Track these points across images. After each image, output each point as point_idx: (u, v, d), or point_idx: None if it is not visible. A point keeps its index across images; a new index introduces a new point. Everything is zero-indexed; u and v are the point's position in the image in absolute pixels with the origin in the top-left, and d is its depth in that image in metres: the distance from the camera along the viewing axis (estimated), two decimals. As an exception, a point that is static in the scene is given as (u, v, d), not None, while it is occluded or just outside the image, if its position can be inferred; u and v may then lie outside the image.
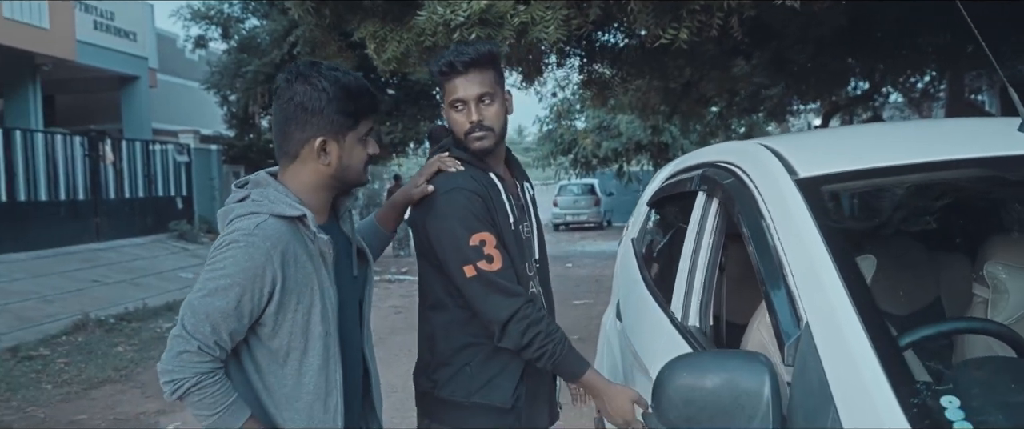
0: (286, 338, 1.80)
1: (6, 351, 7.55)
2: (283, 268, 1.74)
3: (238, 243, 1.72)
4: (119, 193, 13.99)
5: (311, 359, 1.83)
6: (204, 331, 1.69)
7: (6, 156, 11.47)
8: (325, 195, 1.92)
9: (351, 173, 1.91)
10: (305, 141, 1.83)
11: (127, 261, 12.35)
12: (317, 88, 1.82)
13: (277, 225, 1.76)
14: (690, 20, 4.86)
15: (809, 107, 17.22)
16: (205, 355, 1.70)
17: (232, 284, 1.70)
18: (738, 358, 1.40)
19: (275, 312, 1.77)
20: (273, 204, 1.79)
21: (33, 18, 12.26)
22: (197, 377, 1.69)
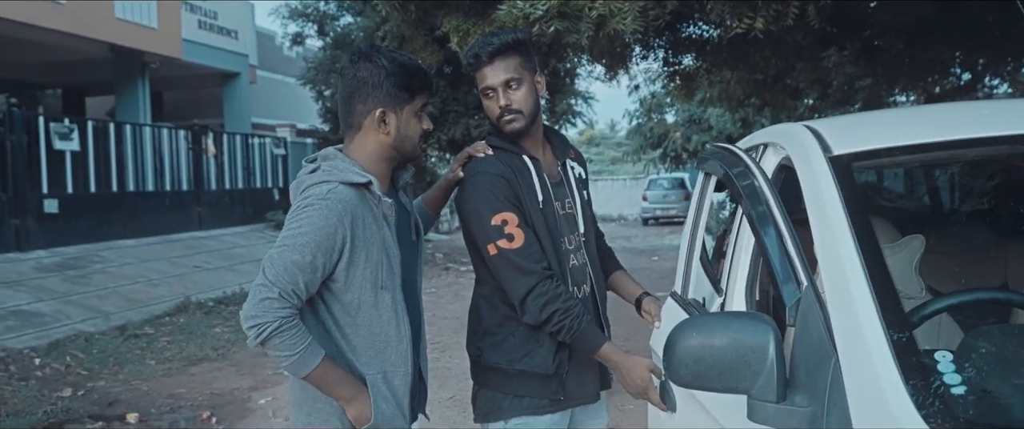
0: (357, 292, 2.03)
1: (115, 329, 8.04)
2: (352, 229, 1.97)
3: (313, 206, 1.96)
4: (220, 184, 14.63)
5: (381, 311, 2.06)
6: (284, 280, 1.90)
7: (118, 149, 12.17)
8: (385, 166, 2.15)
9: (408, 144, 2.14)
10: (367, 113, 2.08)
11: (226, 249, 12.92)
12: (377, 65, 2.07)
13: (346, 191, 1.99)
14: (765, 9, 4.85)
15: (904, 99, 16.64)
16: (285, 302, 1.89)
17: (308, 241, 1.93)
18: (743, 318, 1.49)
19: (346, 268, 2.00)
20: (342, 173, 2.01)
21: (143, 18, 12.94)
22: (279, 321, 1.88)
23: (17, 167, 10.27)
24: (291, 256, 1.91)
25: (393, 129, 2.09)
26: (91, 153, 11.60)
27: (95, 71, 15.26)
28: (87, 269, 10.04)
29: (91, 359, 7.09)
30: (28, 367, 6.74)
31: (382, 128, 2.09)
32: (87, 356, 7.15)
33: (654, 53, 9.90)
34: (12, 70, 15.27)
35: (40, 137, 10.73)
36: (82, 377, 6.66)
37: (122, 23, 12.52)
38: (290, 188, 2.13)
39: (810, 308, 1.46)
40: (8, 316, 7.82)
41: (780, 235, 1.70)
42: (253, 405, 6.03)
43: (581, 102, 16.90)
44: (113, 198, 12.01)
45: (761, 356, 1.39)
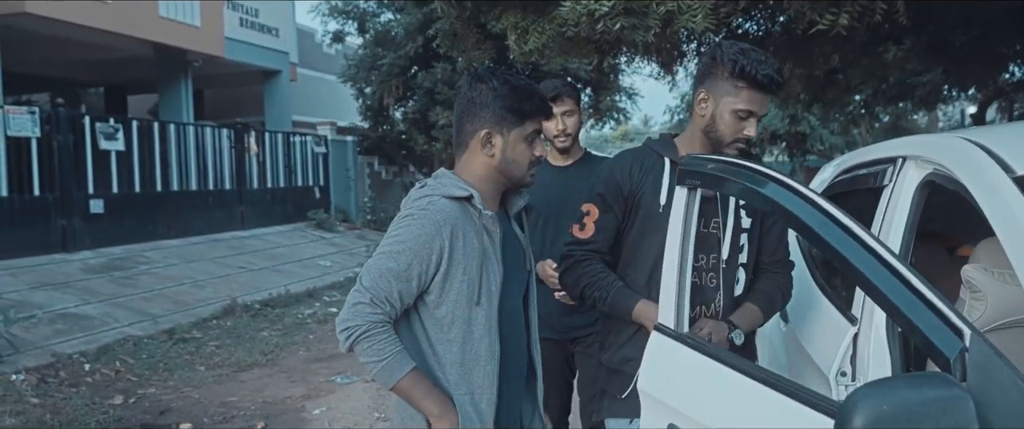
0: (451, 306, 2.00)
1: (163, 333, 7.94)
2: (451, 241, 1.96)
3: (413, 216, 1.98)
4: (262, 183, 14.56)
5: (474, 328, 2.01)
6: (379, 287, 1.91)
7: (161, 148, 12.12)
8: (492, 187, 2.11)
9: (515, 169, 2.10)
10: (473, 132, 2.07)
11: (269, 248, 12.83)
12: (489, 86, 2.06)
13: (448, 204, 1.99)
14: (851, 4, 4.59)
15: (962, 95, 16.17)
16: (376, 308, 1.91)
17: (404, 250, 1.94)
18: (938, 387, 1.24)
19: (442, 280, 1.98)
20: (445, 187, 2.03)
21: (186, 17, 12.88)
22: (367, 325, 1.90)
23: (64, 167, 10.24)
24: (386, 263, 1.93)
25: (498, 151, 2.07)
26: (136, 153, 11.55)
27: (137, 69, 15.28)
28: (133, 270, 9.98)
29: (140, 364, 6.99)
30: (78, 373, 6.65)
31: (487, 149, 2.07)
32: (136, 361, 7.05)
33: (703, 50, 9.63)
34: (56, 69, 15.33)
35: (85, 137, 10.68)
36: (132, 384, 6.56)
37: (166, 21, 12.48)
38: (401, 205, 2.14)
39: (992, 363, 1.24)
40: (57, 319, 7.75)
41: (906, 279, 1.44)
42: (308, 415, 5.87)
43: (625, 98, 16.65)
44: (157, 198, 11.96)
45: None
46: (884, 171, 2.33)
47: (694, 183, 2.01)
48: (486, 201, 2.07)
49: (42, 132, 9.95)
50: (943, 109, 21.76)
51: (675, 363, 2.02)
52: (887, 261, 1.43)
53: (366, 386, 6.50)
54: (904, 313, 1.38)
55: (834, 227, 1.56)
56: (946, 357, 1.30)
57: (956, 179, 1.89)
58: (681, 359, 2.00)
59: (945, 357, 1.31)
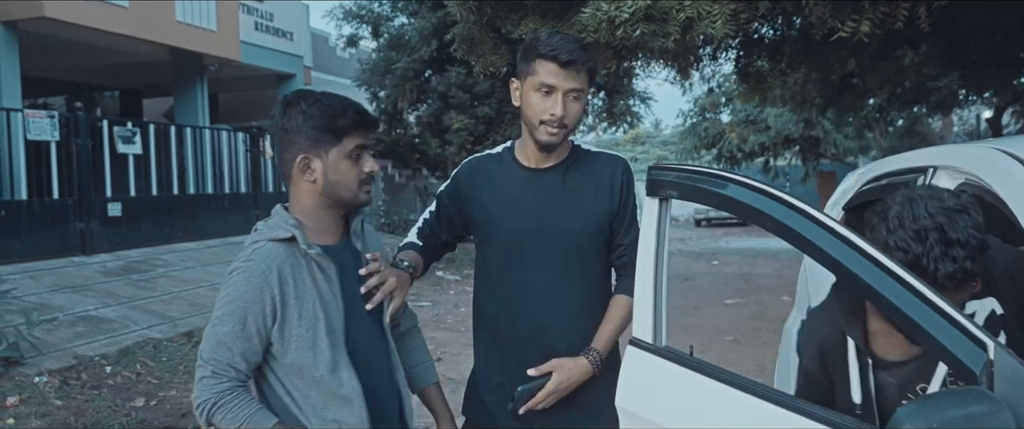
0: (297, 353, 1.92)
1: (182, 336, 7.99)
2: (281, 286, 1.89)
3: (237, 270, 1.90)
4: (277, 186, 14.63)
5: (321, 370, 1.93)
6: (217, 357, 1.87)
7: (178, 152, 12.19)
8: (324, 214, 2.02)
9: (343, 190, 1.99)
10: (292, 161, 1.97)
11: (285, 252, 12.88)
12: (298, 110, 1.95)
13: (273, 248, 1.91)
14: (873, 11, 4.58)
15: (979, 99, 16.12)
16: (219, 378, 1.87)
17: (234, 309, 1.87)
18: (980, 402, 1.26)
19: (280, 329, 1.91)
20: (270, 229, 1.95)
21: (202, 21, 12.96)
22: (214, 397, 1.86)
23: (82, 171, 10.31)
24: (221, 329, 1.88)
25: (320, 175, 1.96)
26: (153, 156, 11.62)
27: (153, 73, 15.37)
28: (150, 273, 10.04)
29: (161, 367, 7.04)
30: (99, 375, 6.69)
31: (307, 175, 1.97)
32: (157, 364, 7.09)
33: (725, 54, 9.65)
34: (71, 73, 15.44)
35: (103, 141, 10.76)
36: (153, 386, 6.60)
37: (182, 25, 12.55)
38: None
39: (1018, 373, 1.27)
40: (78, 322, 7.80)
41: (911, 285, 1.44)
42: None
43: (639, 103, 16.65)
44: (174, 201, 12.03)
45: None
46: (915, 180, 2.34)
47: (666, 193, 1.93)
48: (322, 232, 2.01)
49: (61, 136, 10.03)
50: (959, 113, 21.66)
51: (654, 377, 1.94)
52: (901, 277, 1.42)
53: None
54: (925, 329, 1.37)
55: (843, 246, 1.53)
56: (972, 370, 1.31)
57: (989, 189, 1.90)
58: (660, 373, 1.91)
59: (971, 371, 1.31)
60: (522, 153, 2.39)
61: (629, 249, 2.25)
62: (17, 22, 10.49)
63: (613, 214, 2.32)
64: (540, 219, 2.30)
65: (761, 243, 20.49)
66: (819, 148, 22.49)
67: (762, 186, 1.63)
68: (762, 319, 9.32)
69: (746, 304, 10.49)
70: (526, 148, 2.36)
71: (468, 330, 9.17)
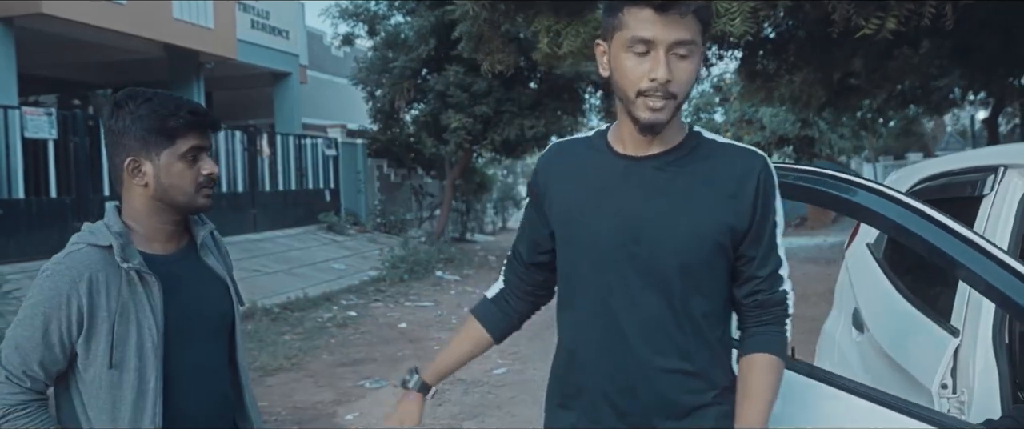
0: (98, 369, 1.76)
1: (185, 338, 7.89)
2: (90, 296, 1.73)
3: (46, 272, 1.76)
4: (273, 185, 14.52)
5: (125, 392, 1.77)
6: (13, 362, 1.74)
7: (176, 150, 12.08)
8: (157, 220, 1.87)
9: (178, 194, 1.85)
10: (121, 164, 1.83)
11: (282, 251, 12.79)
12: (125, 111, 1.82)
13: (89, 253, 1.76)
14: (899, 9, 4.54)
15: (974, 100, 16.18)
16: (14, 386, 1.74)
17: (36, 313, 1.73)
18: None
19: (85, 341, 1.76)
20: (92, 234, 1.80)
21: (199, 18, 12.83)
22: (5, 408, 1.72)
23: (80, 170, 10.19)
24: (21, 332, 1.73)
25: (151, 179, 1.82)
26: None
27: (147, 71, 15.21)
28: (150, 273, 9.94)
29: (165, 369, 6.93)
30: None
31: (138, 178, 1.82)
32: (161, 366, 6.99)
33: (731, 53, 9.63)
34: (65, 70, 15.27)
35: (100, 139, 10.63)
36: (159, 388, 6.50)
37: (179, 23, 12.42)
38: None
39: None
40: (79, 323, 7.69)
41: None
42: (340, 421, 5.82)
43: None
44: (172, 200, 11.93)
45: None
46: (983, 180, 2.29)
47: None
48: (155, 239, 1.87)
49: (59, 134, 9.90)
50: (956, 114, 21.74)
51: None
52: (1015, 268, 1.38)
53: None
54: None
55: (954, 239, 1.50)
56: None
57: None
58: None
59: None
60: (617, 137, 1.75)
61: (767, 284, 1.70)
62: (14, 19, 10.36)
63: (741, 232, 1.67)
64: (635, 225, 1.67)
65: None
66: (813, 148, 22.54)
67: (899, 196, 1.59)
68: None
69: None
70: (622, 130, 1.73)
71: (474, 330, 9.04)
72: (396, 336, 8.73)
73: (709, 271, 1.68)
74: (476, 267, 14.52)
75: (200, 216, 1.97)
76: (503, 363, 7.37)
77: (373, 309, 10.12)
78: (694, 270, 1.67)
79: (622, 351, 1.70)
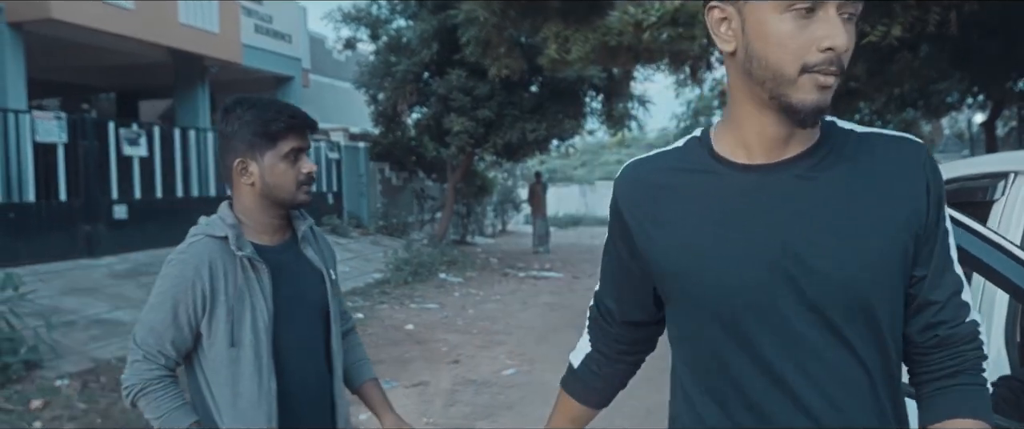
0: (219, 347, 1.99)
1: (196, 339, 7.97)
2: (211, 281, 1.96)
3: (171, 262, 2.00)
4: (277, 189, 14.61)
5: (243, 367, 2.00)
6: (149, 342, 1.96)
7: (183, 154, 12.17)
8: (264, 214, 2.09)
9: (280, 192, 2.06)
10: (230, 165, 2.07)
11: (288, 254, 12.85)
12: (234, 116, 2.05)
13: (208, 243, 1.99)
14: (904, 16, 4.65)
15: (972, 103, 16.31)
16: (151, 363, 1.96)
17: (166, 298, 1.96)
18: None
19: (208, 322, 1.98)
20: (208, 227, 2.04)
21: (205, 23, 12.92)
22: (143, 383, 1.95)
23: (89, 173, 10.27)
24: (153, 316, 1.97)
25: (257, 177, 2.04)
26: (158, 159, 11.59)
27: (151, 75, 15.31)
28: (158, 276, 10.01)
29: (179, 370, 7.01)
30: (118, 378, 6.66)
31: (245, 177, 2.05)
32: (175, 367, 7.07)
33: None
34: (69, 74, 15.34)
35: (109, 143, 10.72)
36: (173, 389, 6.58)
37: (185, 28, 12.51)
38: None
39: None
40: (92, 325, 7.78)
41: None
42: (356, 422, 5.91)
43: (637, 105, 16.74)
44: (178, 203, 12.00)
45: None
46: (994, 185, 2.38)
47: None
48: (262, 232, 2.08)
49: (69, 138, 9.99)
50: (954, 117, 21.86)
51: None
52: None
53: (408, 391, 6.55)
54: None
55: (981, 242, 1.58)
56: None
57: None
58: None
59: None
60: (734, 142, 1.32)
61: (949, 313, 1.28)
62: (23, 24, 10.44)
63: (914, 245, 1.26)
64: (787, 259, 1.23)
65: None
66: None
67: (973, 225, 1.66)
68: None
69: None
70: (744, 131, 1.29)
71: (480, 332, 9.14)
72: (403, 337, 8.82)
73: (888, 303, 1.25)
74: (478, 269, 14.61)
75: (301, 212, 2.18)
76: (512, 364, 7.47)
77: (379, 311, 10.21)
78: (875, 302, 1.23)
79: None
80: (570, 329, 9.23)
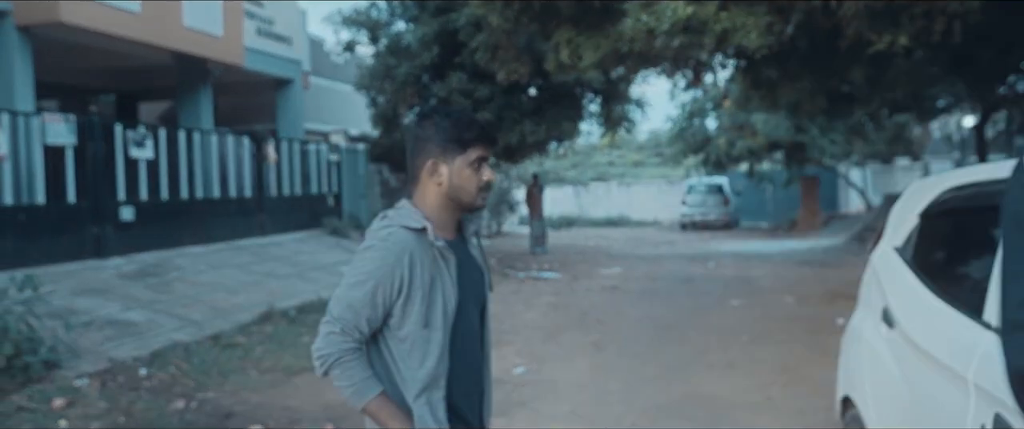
0: (411, 329, 2.18)
1: (208, 338, 8.08)
2: (410, 269, 2.15)
3: (374, 247, 2.18)
4: (279, 190, 14.71)
5: (432, 347, 2.20)
6: (346, 317, 2.14)
7: (188, 156, 12.27)
8: (446, 214, 2.30)
9: (464, 194, 2.28)
10: (421, 165, 2.26)
11: (291, 255, 12.97)
12: (431, 121, 2.27)
13: (405, 234, 2.18)
14: (911, 25, 4.82)
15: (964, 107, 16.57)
16: (347, 336, 2.14)
17: (368, 279, 2.14)
18: None
19: (403, 305, 2.17)
20: (402, 218, 2.22)
21: (209, 26, 13.01)
22: (339, 353, 2.13)
23: (97, 175, 10.37)
24: (354, 293, 2.14)
25: (445, 179, 2.24)
26: (164, 161, 11.68)
27: (151, 77, 15.40)
28: (166, 276, 10.11)
29: (194, 369, 7.13)
30: (135, 378, 6.78)
31: (434, 177, 2.25)
32: (190, 366, 7.19)
33: (735, 62, 9.90)
34: (70, 76, 15.40)
35: (115, 145, 10.81)
36: (190, 388, 6.70)
37: (190, 31, 12.60)
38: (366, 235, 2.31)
39: None
40: (105, 325, 7.88)
41: None
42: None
43: (635, 108, 16.90)
44: (184, 205, 12.11)
45: None
46: (1008, 191, 2.53)
47: None
48: (442, 228, 2.27)
49: (78, 140, 10.08)
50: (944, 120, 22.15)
51: None
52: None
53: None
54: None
55: None
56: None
57: None
58: None
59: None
60: None
61: None
62: (31, 27, 10.51)
63: None
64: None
65: (751, 246, 20.80)
66: (804, 154, 22.88)
67: None
68: (772, 318, 9.57)
69: (751, 305, 10.72)
70: None
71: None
72: (411, 338, 8.93)
73: None
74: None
75: (472, 215, 2.40)
76: (520, 362, 7.61)
77: (384, 311, 10.31)
78: None
79: None
80: (575, 329, 9.38)
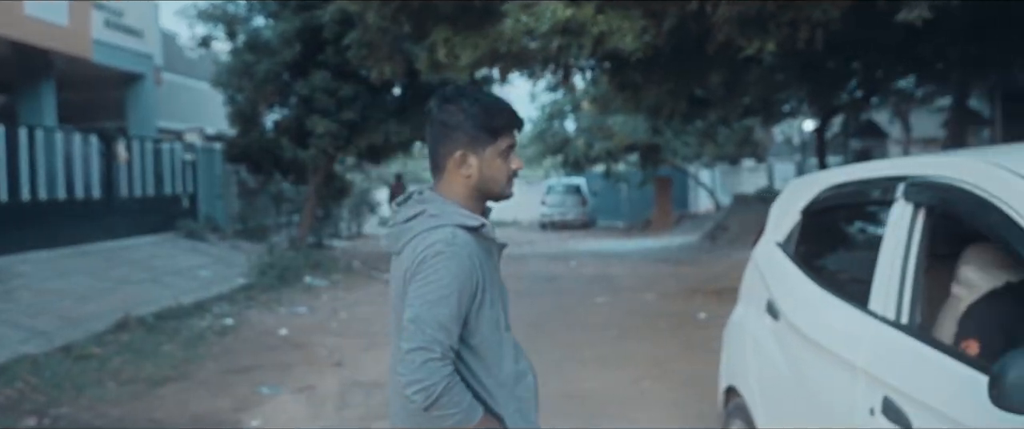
0: (484, 334, 2.03)
1: (59, 350, 7.56)
2: (482, 270, 2.00)
3: (444, 254, 1.94)
4: (131, 191, 13.97)
5: (505, 350, 2.08)
6: (441, 339, 1.90)
7: (30, 155, 11.43)
8: (473, 205, 2.12)
9: (493, 185, 2.11)
10: (449, 155, 2.08)
11: (146, 259, 12.33)
12: (458, 106, 2.07)
13: (465, 234, 1.99)
14: (778, 32, 5.08)
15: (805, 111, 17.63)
16: (446, 360, 1.90)
17: (451, 291, 1.92)
18: None
19: (478, 310, 2.00)
20: (453, 216, 2.02)
21: (53, 16, 12.16)
22: (445, 380, 1.88)
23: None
24: (442, 310, 1.91)
25: (475, 171, 2.08)
26: (3, 159, 10.84)
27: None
28: (9, 284, 9.40)
29: (45, 383, 6.66)
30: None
31: (464, 169, 2.08)
32: (40, 380, 6.70)
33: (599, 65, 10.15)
34: None
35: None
36: (42, 404, 6.25)
37: (30, 20, 11.72)
38: (389, 236, 2.12)
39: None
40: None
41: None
42: (246, 427, 5.82)
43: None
44: (24, 207, 11.27)
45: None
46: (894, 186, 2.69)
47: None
48: None
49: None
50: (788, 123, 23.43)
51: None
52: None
53: (295, 396, 6.49)
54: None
55: None
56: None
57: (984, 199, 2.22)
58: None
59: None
60: None
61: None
62: None
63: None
64: None
65: (608, 245, 21.38)
66: (659, 155, 23.70)
67: None
68: (637, 315, 9.86)
69: (615, 302, 11.00)
70: None
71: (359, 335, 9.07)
72: (279, 343, 8.68)
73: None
74: (342, 272, 14.43)
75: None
76: (397, 365, 7.50)
77: (249, 316, 9.97)
78: None
79: None
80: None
